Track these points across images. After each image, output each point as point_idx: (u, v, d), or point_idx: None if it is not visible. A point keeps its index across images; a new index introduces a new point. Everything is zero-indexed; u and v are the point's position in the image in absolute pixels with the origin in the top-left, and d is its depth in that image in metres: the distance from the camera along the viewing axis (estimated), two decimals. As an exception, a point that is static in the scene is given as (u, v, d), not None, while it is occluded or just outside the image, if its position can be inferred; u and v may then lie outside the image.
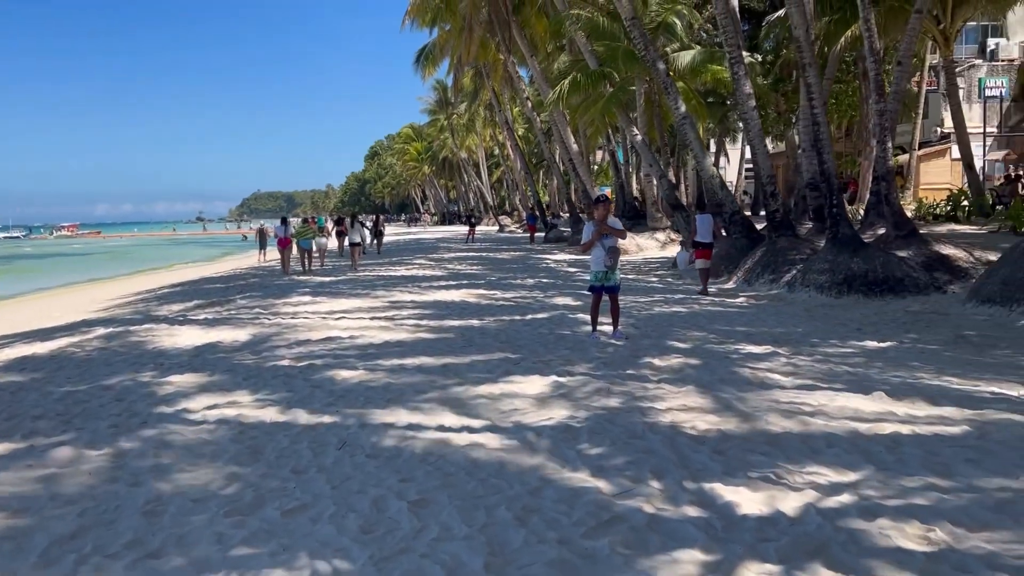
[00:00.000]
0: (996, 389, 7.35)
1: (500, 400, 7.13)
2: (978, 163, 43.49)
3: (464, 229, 56.27)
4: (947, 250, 15.85)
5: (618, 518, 4.40)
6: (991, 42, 42.78)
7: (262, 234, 38.94)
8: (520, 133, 61.47)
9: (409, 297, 16.46)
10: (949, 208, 22.24)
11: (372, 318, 13.19)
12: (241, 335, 11.76)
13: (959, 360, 8.84)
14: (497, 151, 76.67)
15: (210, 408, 7.29)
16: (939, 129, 43.12)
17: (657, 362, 8.76)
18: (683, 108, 20.41)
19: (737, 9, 19.30)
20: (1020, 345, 9.76)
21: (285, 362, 9.38)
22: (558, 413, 6.59)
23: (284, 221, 27.23)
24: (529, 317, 12.76)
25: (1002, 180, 30.08)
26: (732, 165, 59.33)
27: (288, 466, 5.61)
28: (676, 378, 7.93)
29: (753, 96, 18.41)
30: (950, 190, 24.75)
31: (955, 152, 44.11)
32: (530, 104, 39.63)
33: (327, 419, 6.73)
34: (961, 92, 43.49)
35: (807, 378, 7.93)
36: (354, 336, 11.15)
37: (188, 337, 11.81)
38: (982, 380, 7.77)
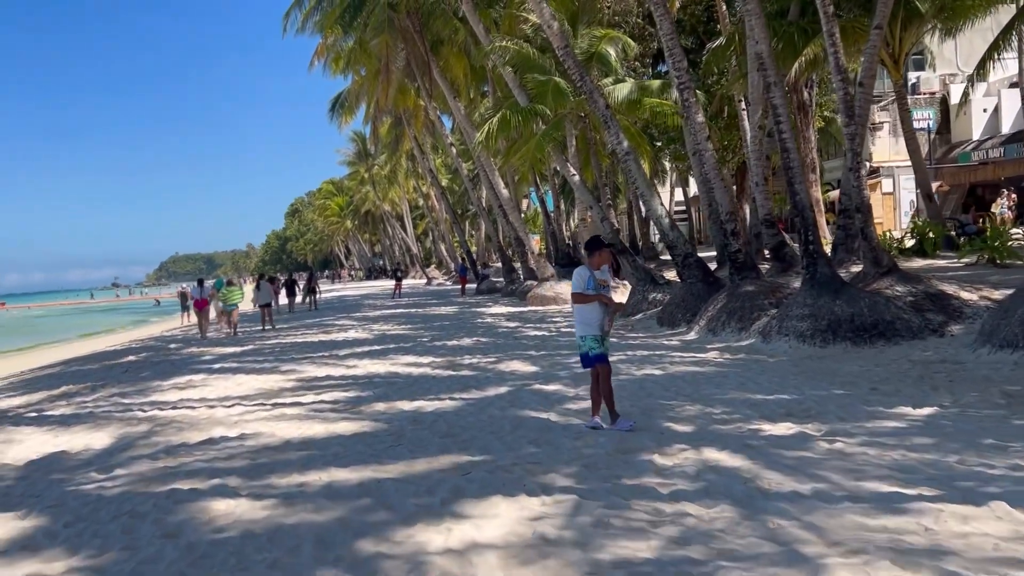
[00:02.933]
0: None
1: (452, 557, 4.62)
2: (910, 196, 43.25)
3: (390, 284, 53.71)
4: (939, 287, 14.05)
5: None
6: (912, 75, 42.70)
7: (184, 297, 38.26)
8: (444, 183, 59.42)
9: (325, 371, 13.80)
10: (915, 241, 20.76)
11: (274, 404, 10.51)
12: (98, 439, 8.97)
13: (1040, 432, 6.75)
14: (421, 202, 74.41)
15: (-10, 592, 4.60)
16: (868, 163, 42.62)
17: (660, 460, 6.39)
18: (626, 143, 18.49)
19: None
20: (1092, 404, 7.79)
21: (139, 486, 6.68)
22: (549, 584, 4.11)
23: (200, 282, 25.79)
24: (474, 394, 10.27)
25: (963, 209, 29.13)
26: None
27: None
28: (698, 490, 5.56)
29: (706, 126, 16.58)
30: (914, 223, 23.42)
31: (885, 186, 43.82)
32: (455, 150, 37.51)
33: (169, 613, 4.12)
34: (886, 126, 43.33)
35: (874, 477, 5.68)
36: (245, 436, 8.47)
37: (27, 445, 8.96)
38: (1106, 467, 5.67)
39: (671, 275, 24.42)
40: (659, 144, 35.06)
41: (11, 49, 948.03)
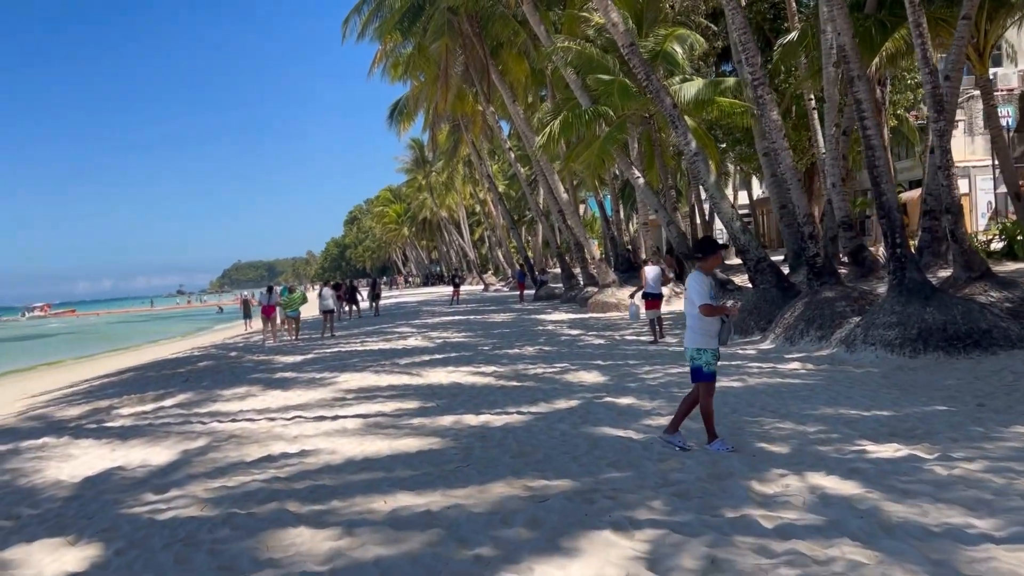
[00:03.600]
0: None
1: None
2: (988, 197, 41.41)
3: (447, 290, 53.50)
4: (1041, 292, 13.06)
5: None
6: (989, 71, 40.91)
7: (246, 304, 39.66)
8: (501, 189, 59.04)
9: (386, 380, 13.40)
10: (1004, 244, 19.54)
11: (335, 417, 10.11)
12: (155, 454, 8.65)
13: None
14: (478, 208, 74.27)
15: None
16: (942, 163, 40.82)
17: (759, 487, 5.76)
18: (694, 144, 17.75)
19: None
20: None
21: (194, 509, 6.29)
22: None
23: (270, 289, 26.23)
24: (542, 407, 9.72)
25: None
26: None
27: None
28: (808, 525, 4.91)
29: (781, 124, 15.80)
30: (1003, 224, 22.11)
31: (960, 187, 41.99)
32: (513, 155, 37.06)
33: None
34: (962, 124, 41.55)
35: (1008, 510, 4.98)
36: (305, 452, 8.06)
37: (84, 461, 8.69)
38: None
39: (739, 280, 23.57)
40: (723, 146, 34.12)
41: (79, 70, 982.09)
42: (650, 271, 16.64)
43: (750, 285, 18.62)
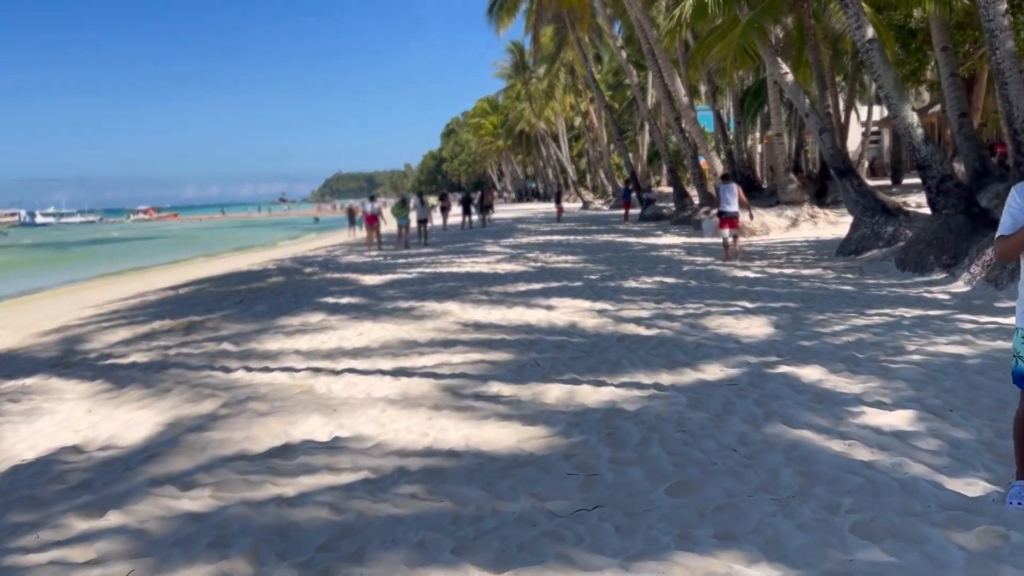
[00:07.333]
0: None
1: None
2: None
3: (541, 207, 50.51)
4: None
5: None
6: None
7: (351, 212, 41.80)
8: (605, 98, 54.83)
9: (472, 315, 10.62)
10: None
11: (396, 372, 7.37)
12: (136, 424, 6.09)
13: None
14: (579, 121, 70.04)
15: None
16: None
17: None
18: (869, 30, 14.00)
19: None
20: None
21: (119, 570, 3.62)
22: None
23: (372, 198, 27.44)
24: (689, 377, 6.69)
25: None
26: (851, 127, 51.53)
27: None
28: None
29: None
30: None
31: None
32: (624, 54, 33.04)
33: None
34: None
35: None
36: (339, 441, 5.30)
37: (41, 426, 6.24)
38: None
39: (912, 202, 19.79)
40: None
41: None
42: (724, 189, 16.42)
43: (928, 209, 14.99)
